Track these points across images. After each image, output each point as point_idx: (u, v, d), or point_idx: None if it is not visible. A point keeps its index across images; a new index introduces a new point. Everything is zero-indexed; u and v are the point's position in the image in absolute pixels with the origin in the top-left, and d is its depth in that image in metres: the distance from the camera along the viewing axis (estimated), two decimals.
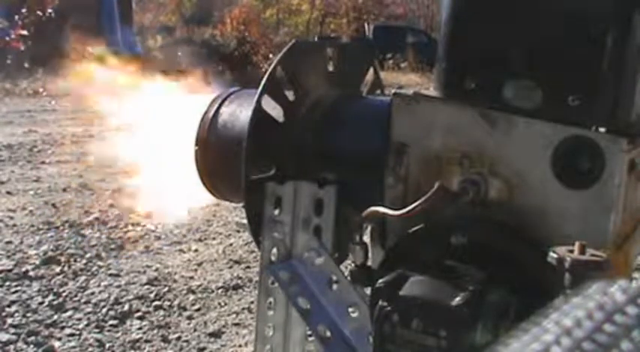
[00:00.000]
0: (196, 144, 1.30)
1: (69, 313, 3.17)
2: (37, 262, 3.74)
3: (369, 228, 1.10)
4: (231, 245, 4.33)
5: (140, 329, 3.09)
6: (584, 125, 0.87)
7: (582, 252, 0.72)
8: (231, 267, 3.94)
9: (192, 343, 3.01)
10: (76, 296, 3.37)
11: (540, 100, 0.88)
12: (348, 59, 1.30)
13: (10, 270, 3.60)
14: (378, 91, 1.44)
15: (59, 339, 2.92)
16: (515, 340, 0.39)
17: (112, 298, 3.37)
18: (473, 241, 0.90)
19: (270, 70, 1.15)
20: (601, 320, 0.39)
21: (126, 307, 3.28)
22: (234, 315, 3.31)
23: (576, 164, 0.88)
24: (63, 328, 3.03)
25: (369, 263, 1.06)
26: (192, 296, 3.49)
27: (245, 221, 1.19)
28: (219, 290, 3.59)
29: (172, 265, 3.91)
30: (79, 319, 3.12)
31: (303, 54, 1.22)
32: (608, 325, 0.39)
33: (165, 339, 3.02)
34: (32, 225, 4.41)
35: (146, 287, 3.54)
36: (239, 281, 3.72)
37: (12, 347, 2.82)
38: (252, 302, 3.38)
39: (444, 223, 0.93)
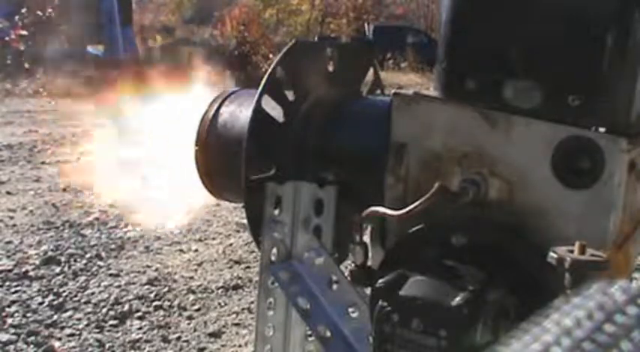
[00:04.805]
0: (196, 144, 1.29)
1: (69, 313, 3.18)
2: (37, 262, 3.74)
3: (369, 228, 1.10)
4: (231, 245, 4.33)
5: (140, 329, 3.09)
6: (584, 125, 0.87)
7: (582, 252, 0.72)
8: (231, 267, 3.95)
9: (192, 343, 3.02)
10: (76, 296, 3.37)
11: (540, 100, 0.88)
12: (348, 59, 1.30)
13: (10, 270, 3.60)
14: (378, 91, 1.43)
15: (59, 339, 2.92)
16: (516, 340, 0.39)
17: (112, 298, 3.37)
18: (473, 241, 0.90)
19: (270, 70, 1.15)
20: (601, 320, 0.39)
21: (126, 307, 3.28)
22: (234, 315, 3.31)
23: (576, 164, 0.88)
24: (63, 328, 3.03)
25: (369, 263, 1.06)
26: (192, 297, 3.49)
27: (245, 221, 1.19)
28: (219, 290, 3.59)
29: (172, 265, 3.91)
30: (79, 319, 3.13)
31: (303, 54, 1.22)
32: (608, 325, 0.39)
33: (165, 339, 3.02)
34: (32, 225, 4.42)
35: (146, 287, 3.54)
36: (239, 282, 3.72)
37: (12, 347, 2.82)
38: (252, 302, 3.39)
39: (444, 223, 0.93)
